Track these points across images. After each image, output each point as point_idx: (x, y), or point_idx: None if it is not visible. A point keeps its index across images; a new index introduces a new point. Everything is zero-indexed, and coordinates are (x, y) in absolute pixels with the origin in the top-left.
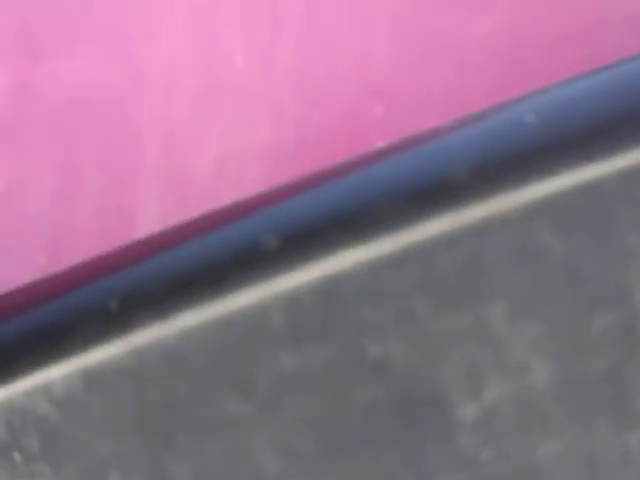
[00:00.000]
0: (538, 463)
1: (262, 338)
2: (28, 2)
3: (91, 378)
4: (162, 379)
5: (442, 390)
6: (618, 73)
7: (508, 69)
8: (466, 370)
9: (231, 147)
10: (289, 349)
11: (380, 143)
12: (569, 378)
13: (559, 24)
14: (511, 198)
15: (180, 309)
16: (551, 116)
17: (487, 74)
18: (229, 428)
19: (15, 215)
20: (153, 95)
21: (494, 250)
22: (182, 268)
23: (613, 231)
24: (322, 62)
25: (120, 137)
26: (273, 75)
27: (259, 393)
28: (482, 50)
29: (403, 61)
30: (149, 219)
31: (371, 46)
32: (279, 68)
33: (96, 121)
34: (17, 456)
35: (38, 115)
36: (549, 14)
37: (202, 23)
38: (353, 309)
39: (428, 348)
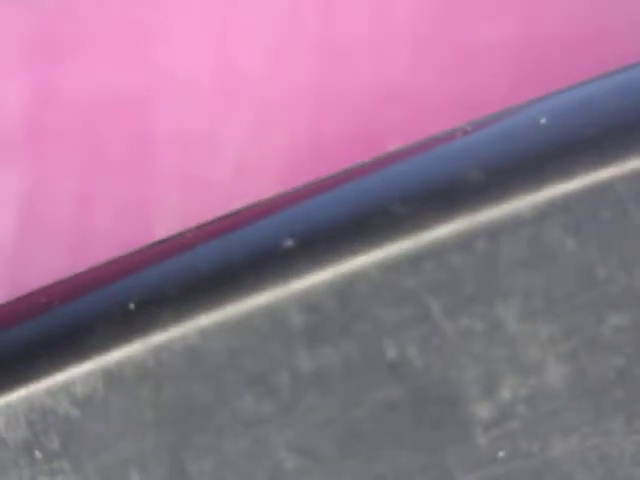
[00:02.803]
0: (553, 461)
1: (279, 338)
2: (48, 8)
3: (111, 377)
4: (181, 378)
5: (458, 390)
6: (631, 76)
7: (523, 76)
8: (482, 370)
9: (248, 154)
10: (306, 349)
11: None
12: (583, 378)
13: (573, 30)
14: (525, 199)
15: (198, 310)
16: (564, 118)
17: (502, 80)
18: (247, 427)
19: (37, 218)
20: (171, 101)
21: (508, 251)
22: (200, 269)
23: (626, 232)
24: (339, 69)
25: (138, 143)
26: (290, 83)
27: (277, 393)
28: (499, 56)
29: (420, 67)
30: (167, 226)
31: (389, 53)
32: (296, 76)
33: (115, 126)
34: (38, 454)
35: (58, 120)
36: (563, 21)
37: (220, 30)
38: (370, 309)
39: (444, 348)
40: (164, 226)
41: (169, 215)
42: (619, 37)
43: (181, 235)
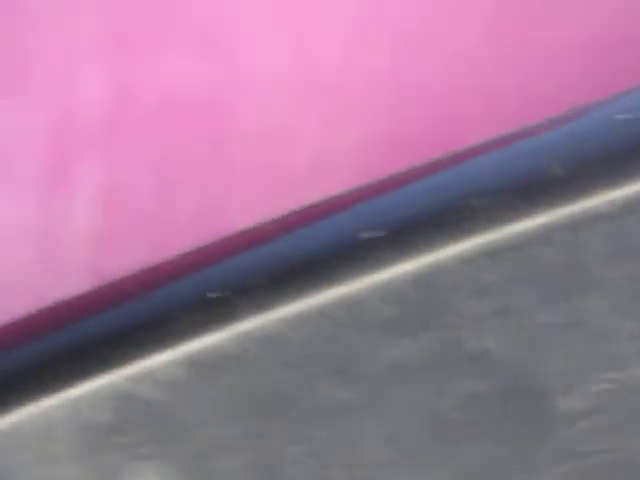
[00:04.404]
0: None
1: (362, 328)
2: (124, 6)
3: (194, 364)
4: (264, 366)
5: (544, 383)
6: None
7: (605, 74)
8: (567, 363)
9: (326, 148)
10: (389, 340)
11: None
12: None
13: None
14: (607, 194)
15: (281, 299)
16: None
17: (585, 79)
18: (332, 415)
19: (119, 213)
20: (247, 95)
21: (592, 245)
22: (283, 259)
23: None
24: (416, 61)
25: (216, 138)
26: (367, 74)
27: (361, 382)
28: (578, 55)
29: (496, 60)
30: (244, 218)
31: (464, 46)
32: (373, 67)
33: (192, 121)
34: (123, 440)
35: (137, 117)
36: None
37: (297, 23)
38: (452, 301)
39: (528, 341)
40: (243, 221)
41: (247, 209)
42: None
43: (263, 225)
